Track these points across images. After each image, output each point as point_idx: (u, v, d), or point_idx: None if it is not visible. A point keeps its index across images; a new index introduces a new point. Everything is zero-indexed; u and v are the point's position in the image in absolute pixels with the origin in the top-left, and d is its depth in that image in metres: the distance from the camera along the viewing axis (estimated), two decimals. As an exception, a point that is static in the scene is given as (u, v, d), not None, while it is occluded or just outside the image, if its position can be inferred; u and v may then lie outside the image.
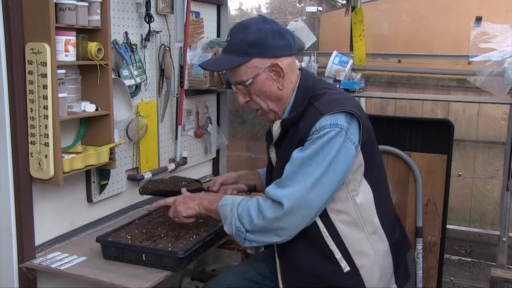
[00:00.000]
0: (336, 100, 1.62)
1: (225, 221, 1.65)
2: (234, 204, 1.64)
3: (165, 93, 2.49)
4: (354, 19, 2.86)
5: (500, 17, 3.05)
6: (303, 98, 1.66)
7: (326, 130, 1.54)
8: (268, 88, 1.67)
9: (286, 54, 1.67)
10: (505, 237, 2.53)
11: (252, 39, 1.62)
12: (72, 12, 1.79)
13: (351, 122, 1.57)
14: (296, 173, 1.55)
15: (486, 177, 3.76)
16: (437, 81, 3.94)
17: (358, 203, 1.62)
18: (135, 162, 2.36)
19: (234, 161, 4.22)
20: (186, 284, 2.91)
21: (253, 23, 1.65)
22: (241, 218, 1.60)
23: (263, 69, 1.65)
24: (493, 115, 3.74)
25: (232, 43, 1.67)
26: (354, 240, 1.62)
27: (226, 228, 1.64)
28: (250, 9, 11.32)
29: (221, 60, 1.72)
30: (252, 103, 1.73)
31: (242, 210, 1.61)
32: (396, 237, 1.75)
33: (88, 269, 1.76)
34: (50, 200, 1.93)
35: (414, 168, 2.42)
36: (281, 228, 1.56)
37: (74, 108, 1.89)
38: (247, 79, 1.66)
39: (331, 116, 1.55)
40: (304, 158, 1.54)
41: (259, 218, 1.57)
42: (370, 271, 1.63)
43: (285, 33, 1.68)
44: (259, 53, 1.63)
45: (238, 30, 1.67)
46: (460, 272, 3.56)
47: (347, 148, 1.55)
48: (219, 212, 1.67)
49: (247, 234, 1.59)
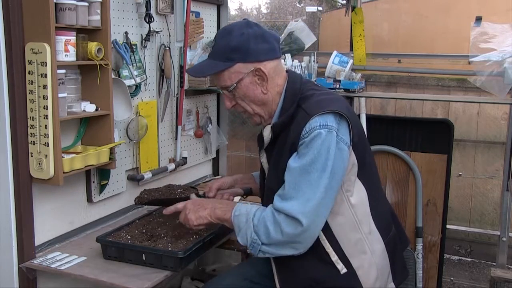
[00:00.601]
0: (323, 100, 1.62)
1: (239, 232, 1.63)
2: (249, 215, 1.62)
3: (165, 93, 2.49)
4: (354, 19, 2.86)
5: (500, 17, 3.05)
6: (291, 101, 1.66)
7: (317, 132, 1.53)
8: (252, 92, 1.67)
9: (270, 58, 1.66)
10: (505, 237, 2.53)
11: (235, 44, 1.63)
12: (72, 12, 1.79)
13: (341, 122, 1.57)
14: (299, 183, 1.54)
15: (486, 177, 3.76)
16: (437, 81, 3.93)
17: (353, 203, 1.61)
18: (135, 162, 2.36)
19: (234, 161, 4.22)
20: (186, 284, 2.91)
21: (236, 28, 1.65)
22: (257, 230, 1.58)
23: (246, 74, 1.65)
24: (493, 115, 3.74)
25: (216, 49, 1.68)
26: (350, 242, 1.61)
27: (240, 240, 1.62)
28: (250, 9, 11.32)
29: (205, 66, 1.72)
30: (238, 107, 1.74)
31: (259, 222, 1.59)
32: (391, 235, 1.75)
33: (88, 269, 1.77)
34: (50, 200, 1.93)
35: (414, 168, 2.42)
36: (298, 242, 1.55)
37: (74, 108, 1.89)
38: (231, 84, 1.67)
39: (320, 117, 1.55)
40: (304, 166, 1.53)
41: (277, 232, 1.55)
42: (367, 272, 1.63)
43: (269, 36, 1.67)
44: (241, 58, 1.63)
45: (221, 35, 1.68)
46: (460, 272, 3.56)
47: (341, 150, 1.54)
48: (233, 222, 1.65)
49: (263, 247, 1.58)
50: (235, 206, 1.68)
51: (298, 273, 1.64)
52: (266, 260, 1.88)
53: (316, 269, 1.62)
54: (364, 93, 2.76)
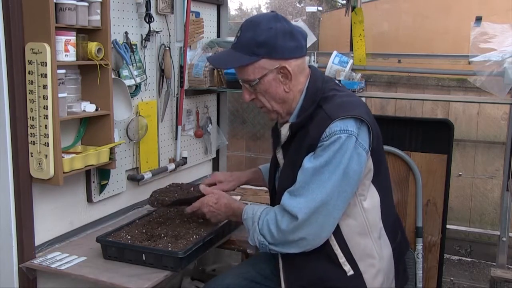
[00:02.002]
0: (345, 103, 1.60)
1: (248, 234, 1.69)
2: (254, 218, 1.67)
3: (165, 93, 2.49)
4: (354, 19, 2.86)
5: (500, 17, 3.05)
6: (312, 101, 1.64)
7: (337, 136, 1.52)
8: (274, 89, 1.65)
9: (296, 56, 1.63)
10: (505, 237, 2.53)
11: (262, 39, 1.58)
12: (72, 12, 1.79)
13: (361, 127, 1.56)
14: (309, 183, 1.54)
15: (486, 177, 3.76)
16: (437, 81, 3.93)
17: (365, 208, 1.61)
18: (135, 162, 2.36)
19: (234, 161, 4.22)
20: (186, 284, 2.91)
21: (264, 21, 1.60)
22: (263, 233, 1.63)
23: (270, 70, 1.62)
24: (493, 115, 3.74)
25: (241, 40, 1.63)
26: (359, 245, 1.61)
27: (250, 241, 1.69)
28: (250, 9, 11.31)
29: (229, 58, 1.67)
30: (257, 101, 1.72)
31: (263, 225, 1.63)
32: (398, 240, 1.75)
33: (88, 269, 1.76)
34: (50, 200, 1.93)
35: (414, 168, 2.42)
36: (300, 239, 1.56)
37: (74, 108, 1.88)
38: (253, 79, 1.64)
39: (341, 121, 1.54)
40: (317, 167, 1.54)
41: (278, 232, 1.59)
42: (374, 276, 1.63)
43: (296, 33, 1.63)
44: (267, 54, 1.60)
45: (248, 27, 1.62)
46: (460, 272, 3.56)
47: (359, 154, 1.54)
48: (244, 225, 1.72)
49: (271, 246, 1.63)
50: (244, 209, 1.72)
51: (305, 271, 1.65)
52: (267, 260, 1.89)
53: (323, 268, 1.62)
54: (364, 93, 2.76)
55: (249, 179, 2.09)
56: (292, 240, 1.57)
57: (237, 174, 2.09)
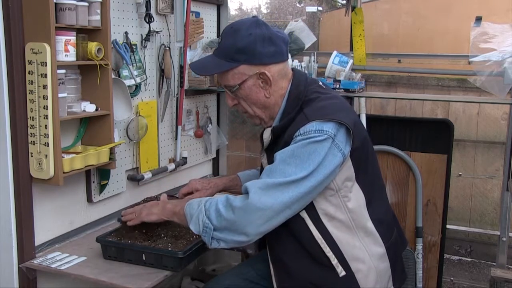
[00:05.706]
0: (326, 107, 1.60)
1: (191, 219, 1.59)
2: (201, 201, 1.61)
3: (165, 93, 2.49)
4: (354, 19, 2.86)
5: (500, 17, 3.05)
6: (294, 105, 1.64)
7: (311, 135, 1.52)
8: (254, 95, 1.66)
9: (276, 61, 1.64)
10: (505, 237, 2.53)
11: (241, 45, 1.60)
12: (72, 12, 1.79)
13: (340, 129, 1.54)
14: (274, 170, 1.53)
15: (486, 177, 3.76)
16: (437, 81, 3.93)
17: (350, 208, 1.60)
18: (135, 162, 2.36)
19: (234, 161, 4.22)
20: (186, 284, 2.91)
21: (244, 27, 1.62)
22: (209, 214, 1.55)
23: (250, 76, 1.63)
24: (493, 115, 3.74)
25: (222, 46, 1.65)
26: (348, 245, 1.60)
27: (193, 227, 1.59)
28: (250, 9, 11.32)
29: (209, 64, 1.70)
30: (240, 107, 1.73)
31: (210, 205, 1.56)
32: (393, 239, 1.74)
33: (88, 269, 1.76)
34: (50, 200, 1.93)
35: (414, 168, 2.42)
36: (248, 224, 1.49)
37: (74, 108, 1.89)
38: (234, 85, 1.65)
39: (318, 123, 1.53)
40: (284, 157, 1.53)
41: (228, 210, 1.51)
42: (366, 275, 1.62)
43: (276, 38, 1.63)
44: (246, 60, 1.61)
45: (229, 33, 1.65)
46: (460, 272, 3.56)
47: (334, 155, 1.52)
48: (185, 212, 1.63)
49: (215, 233, 1.54)
50: (189, 200, 1.67)
51: (296, 275, 1.63)
52: (266, 261, 1.89)
53: (314, 271, 1.61)
54: (364, 93, 2.76)
55: (226, 186, 2.06)
56: (239, 223, 1.49)
57: (215, 181, 2.06)
